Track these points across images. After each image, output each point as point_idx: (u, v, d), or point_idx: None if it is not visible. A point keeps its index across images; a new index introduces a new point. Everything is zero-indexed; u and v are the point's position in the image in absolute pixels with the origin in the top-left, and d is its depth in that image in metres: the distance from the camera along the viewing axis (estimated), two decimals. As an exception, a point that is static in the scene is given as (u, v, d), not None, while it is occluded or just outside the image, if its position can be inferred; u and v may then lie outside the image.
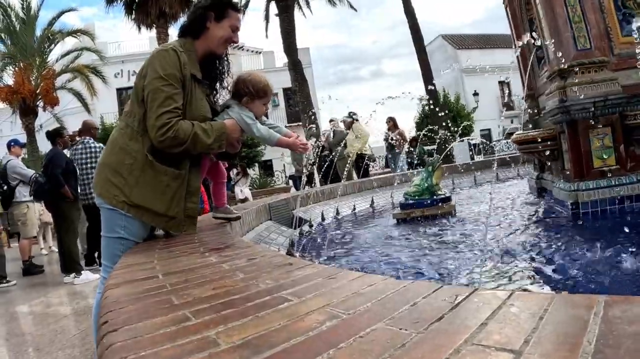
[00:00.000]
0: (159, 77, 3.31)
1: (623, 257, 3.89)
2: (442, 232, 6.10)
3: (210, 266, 2.17)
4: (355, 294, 1.47)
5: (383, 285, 1.54)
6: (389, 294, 1.43)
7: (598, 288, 3.33)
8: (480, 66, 46.27)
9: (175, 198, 3.49)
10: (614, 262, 3.87)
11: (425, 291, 1.41)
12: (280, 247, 5.37)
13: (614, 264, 3.81)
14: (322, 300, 1.45)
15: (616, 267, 3.75)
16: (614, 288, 3.30)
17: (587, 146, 5.80)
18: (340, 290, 1.55)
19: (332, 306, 1.39)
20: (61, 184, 9.13)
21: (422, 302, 1.34)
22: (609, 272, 3.66)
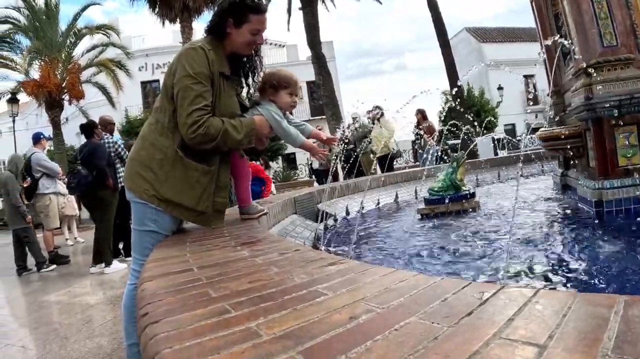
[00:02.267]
0: (188, 75, 3.36)
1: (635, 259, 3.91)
2: (466, 227, 6.10)
3: (243, 259, 2.23)
4: (387, 290, 1.53)
5: (414, 281, 1.60)
6: (420, 290, 1.49)
7: (618, 287, 3.34)
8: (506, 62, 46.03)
9: (205, 193, 3.55)
10: (635, 261, 3.88)
11: (454, 287, 1.46)
12: (305, 241, 5.42)
13: (635, 264, 3.82)
14: (356, 294, 1.51)
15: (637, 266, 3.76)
16: (636, 287, 3.31)
17: (612, 144, 5.76)
18: (373, 285, 1.60)
19: (366, 300, 1.45)
20: (107, 175, 9.28)
21: (452, 298, 1.40)
22: (630, 271, 3.68)
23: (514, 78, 45.43)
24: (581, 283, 3.51)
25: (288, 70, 4.21)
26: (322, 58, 25.15)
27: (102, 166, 9.28)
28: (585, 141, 6.30)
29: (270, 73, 4.08)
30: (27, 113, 40.31)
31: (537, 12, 8.52)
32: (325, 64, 25.32)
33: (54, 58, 26.85)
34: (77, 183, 9.48)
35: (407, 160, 23.69)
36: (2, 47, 27.76)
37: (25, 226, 10.78)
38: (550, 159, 10.79)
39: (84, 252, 12.83)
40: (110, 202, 9.46)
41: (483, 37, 52.41)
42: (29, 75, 26.90)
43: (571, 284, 3.47)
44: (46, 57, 26.80)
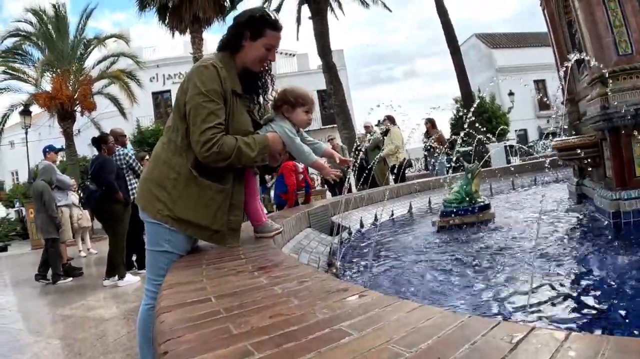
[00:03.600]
0: (200, 93, 3.35)
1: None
2: (482, 241, 6.06)
3: (262, 288, 2.19)
4: (414, 330, 1.48)
5: (440, 319, 1.55)
6: (447, 331, 1.44)
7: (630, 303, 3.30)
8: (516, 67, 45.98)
9: (219, 212, 3.53)
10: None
11: (482, 328, 1.41)
12: (320, 256, 5.38)
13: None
14: (382, 334, 1.46)
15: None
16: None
17: (629, 154, 5.70)
18: (399, 324, 1.55)
19: (393, 342, 1.40)
20: (116, 189, 9.29)
21: (481, 341, 1.35)
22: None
23: (524, 83, 45.35)
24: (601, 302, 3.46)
25: (304, 88, 4.20)
26: (333, 67, 25.18)
27: (111, 180, 9.27)
28: (602, 150, 6.24)
29: (287, 90, 4.07)
30: (39, 124, 40.56)
31: (550, 20, 8.47)
32: (336, 73, 25.35)
33: (66, 70, 27.00)
34: (86, 198, 9.53)
35: (420, 168, 23.59)
36: (15, 59, 27.99)
37: (56, 237, 10.81)
38: (564, 167, 10.70)
39: (97, 264, 12.84)
40: (122, 215, 9.46)
41: (493, 43, 52.36)
42: (40, 87, 27.06)
43: (593, 303, 3.41)
44: (58, 69, 26.95)
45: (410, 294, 4.10)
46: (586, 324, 3.08)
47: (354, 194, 10.02)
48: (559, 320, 3.15)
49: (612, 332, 2.91)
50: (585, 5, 6.12)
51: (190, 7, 25.17)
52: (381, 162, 14.16)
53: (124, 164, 10.07)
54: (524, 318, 3.22)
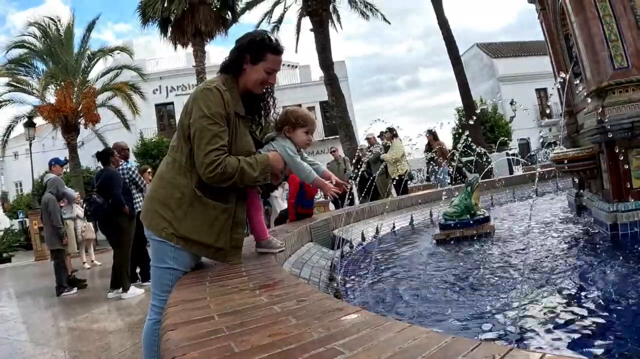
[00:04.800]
0: (204, 116, 3.44)
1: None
2: (479, 254, 6.13)
3: (262, 307, 2.28)
4: (401, 350, 1.57)
5: (426, 340, 1.64)
6: (431, 351, 1.52)
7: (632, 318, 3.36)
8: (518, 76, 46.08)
9: (223, 230, 3.61)
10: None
11: (464, 349, 1.50)
12: (322, 271, 5.44)
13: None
14: (371, 354, 1.55)
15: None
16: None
17: (626, 167, 5.76)
18: (387, 344, 1.64)
19: None
20: (123, 203, 9.38)
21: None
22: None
23: (526, 92, 45.41)
24: (595, 315, 3.52)
25: (305, 109, 4.32)
26: (335, 79, 25.20)
27: (118, 194, 9.37)
28: (599, 163, 6.31)
29: (289, 111, 4.19)
30: (43, 136, 40.74)
31: (547, 33, 8.58)
32: (338, 84, 25.37)
33: (70, 82, 27.12)
34: (93, 211, 9.60)
35: (422, 179, 23.64)
36: (19, 71, 28.13)
37: (60, 248, 10.89)
38: (564, 177, 10.75)
39: (101, 276, 12.90)
40: (127, 228, 9.53)
41: (494, 52, 52.44)
42: (45, 99, 27.18)
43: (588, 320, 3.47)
44: (62, 82, 27.07)
45: (406, 308, 4.16)
46: (582, 339, 3.13)
47: (356, 206, 10.07)
48: (551, 337, 3.20)
49: (608, 348, 2.97)
50: (581, 20, 6.20)
51: (192, 20, 25.40)
52: (383, 174, 14.22)
53: (127, 179, 10.16)
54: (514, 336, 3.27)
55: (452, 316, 3.83)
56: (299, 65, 45.82)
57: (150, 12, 25.73)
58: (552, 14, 8.20)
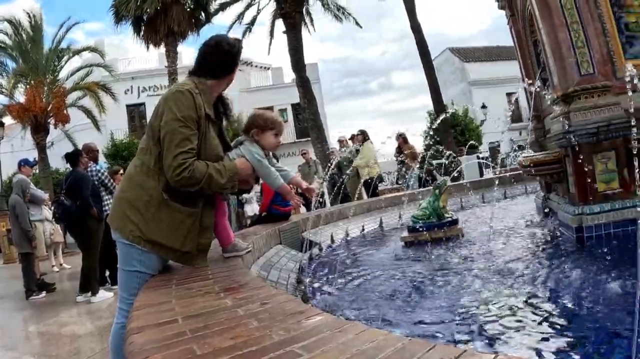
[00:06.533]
0: (176, 118, 3.45)
1: (617, 283, 4.00)
2: (445, 257, 6.19)
3: (226, 310, 2.31)
4: (358, 352, 1.61)
5: (383, 342, 1.68)
6: (387, 353, 1.57)
7: (592, 319, 3.42)
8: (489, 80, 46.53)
9: (190, 234, 3.62)
10: (612, 288, 3.96)
11: (419, 351, 1.55)
12: (290, 274, 5.45)
13: (613, 291, 3.90)
14: (329, 356, 1.60)
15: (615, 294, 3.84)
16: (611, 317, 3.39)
17: (591, 170, 5.85)
18: (346, 346, 1.69)
19: None
20: (91, 205, 9.28)
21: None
22: (608, 300, 3.75)
23: (497, 96, 45.83)
24: (555, 316, 3.58)
25: (273, 112, 4.36)
26: (307, 81, 25.16)
27: (86, 196, 9.27)
28: (565, 166, 6.39)
29: (257, 114, 4.23)
30: (12, 136, 40.15)
31: (517, 38, 8.69)
32: (310, 87, 25.34)
33: (40, 81, 26.76)
34: (61, 213, 9.49)
35: (392, 182, 23.72)
36: (-13, 70, 27.74)
37: (29, 252, 10.76)
38: (532, 180, 10.87)
39: (70, 279, 12.74)
40: (96, 230, 9.44)
41: (466, 56, 52.82)
42: (14, 98, 26.81)
43: (547, 321, 3.52)
44: (31, 81, 26.72)
45: (371, 310, 4.19)
46: (542, 340, 3.18)
47: (325, 209, 10.09)
48: (511, 339, 3.25)
49: (569, 350, 3.02)
50: (549, 27, 6.29)
51: (165, 20, 25.19)
52: (354, 177, 14.25)
53: (96, 181, 10.06)
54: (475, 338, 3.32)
55: (416, 318, 3.87)
56: (272, 67, 45.79)
57: (123, 10, 25.42)
58: (522, 20, 8.31)
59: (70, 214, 9.31)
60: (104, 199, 10.08)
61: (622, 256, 4.74)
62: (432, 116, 37.32)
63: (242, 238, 4.97)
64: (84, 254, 9.55)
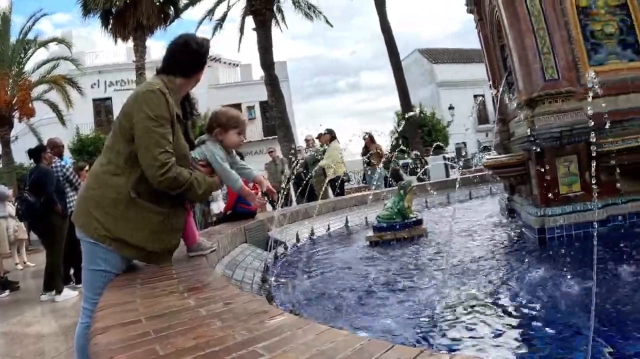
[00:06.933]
0: (149, 118, 3.44)
1: (574, 282, 4.08)
2: (410, 256, 6.24)
3: (189, 310, 2.33)
4: (318, 352, 1.65)
5: (343, 342, 1.73)
6: (346, 353, 1.61)
7: (550, 319, 3.48)
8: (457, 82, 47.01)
9: (157, 234, 3.61)
10: (571, 288, 4.04)
11: (377, 351, 1.59)
12: (255, 273, 5.46)
13: (571, 291, 3.98)
14: (290, 356, 1.63)
15: (574, 293, 3.92)
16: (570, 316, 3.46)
17: (554, 173, 5.96)
18: (306, 346, 1.72)
19: None
20: (55, 201, 9.14)
21: (373, 363, 1.52)
22: (567, 300, 3.83)
23: (465, 98, 46.22)
24: (515, 314, 3.65)
25: (236, 110, 4.35)
26: (275, 79, 25.15)
27: (50, 192, 9.15)
28: (529, 169, 6.49)
29: (220, 112, 4.23)
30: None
31: (484, 42, 8.80)
32: (278, 85, 25.32)
33: (5, 73, 26.34)
34: (25, 210, 9.36)
35: (359, 180, 23.78)
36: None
37: None
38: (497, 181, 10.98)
39: (34, 277, 12.57)
40: (60, 227, 9.32)
41: (435, 58, 53.15)
42: (-23, 91, 26.35)
43: (508, 318, 3.58)
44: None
45: (335, 310, 4.21)
46: (501, 341, 3.23)
47: (291, 208, 10.10)
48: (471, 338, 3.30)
49: (528, 349, 3.07)
50: (516, 32, 6.39)
51: (134, 13, 25.00)
52: (320, 176, 14.27)
53: (61, 177, 9.93)
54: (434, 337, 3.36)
55: (378, 318, 3.91)
56: (241, 64, 45.61)
57: (91, 3, 25.17)
58: (489, 25, 8.41)
59: (34, 211, 9.18)
60: (68, 195, 9.93)
61: (583, 257, 4.83)
62: (399, 116, 37.53)
63: (207, 237, 4.97)
64: (47, 251, 9.44)
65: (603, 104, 5.90)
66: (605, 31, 6.41)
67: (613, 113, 5.98)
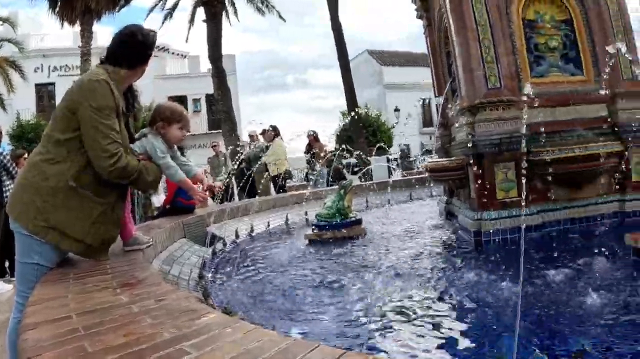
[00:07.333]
0: (95, 109, 3.40)
1: (505, 284, 4.19)
2: (347, 256, 6.29)
3: (121, 306, 2.33)
4: (244, 351, 1.69)
5: (269, 342, 1.76)
6: (271, 353, 1.65)
7: (479, 322, 3.57)
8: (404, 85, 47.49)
9: (95, 226, 3.55)
10: (502, 289, 4.14)
11: (301, 351, 1.63)
12: (192, 269, 5.42)
13: (503, 292, 4.08)
14: (217, 354, 1.67)
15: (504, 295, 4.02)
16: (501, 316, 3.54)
17: (491, 178, 6.12)
18: (233, 344, 1.76)
19: None
20: None
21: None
22: (498, 300, 3.92)
23: (411, 101, 46.64)
24: (448, 314, 3.73)
25: (179, 105, 4.33)
26: (223, 72, 24.92)
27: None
28: (467, 173, 6.61)
29: (163, 106, 4.21)
30: None
31: (431, 48, 8.95)
32: (225, 78, 25.10)
33: (-58, 54, 25.57)
34: None
35: (301, 179, 23.79)
36: None
37: None
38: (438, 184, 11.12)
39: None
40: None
41: (384, 60, 53.48)
42: None
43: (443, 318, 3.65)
44: None
45: (268, 309, 4.21)
46: (433, 341, 3.28)
47: (231, 204, 10.05)
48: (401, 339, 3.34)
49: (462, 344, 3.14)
50: (462, 40, 6.53)
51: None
52: (262, 172, 14.25)
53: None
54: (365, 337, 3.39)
55: (311, 317, 3.92)
56: (189, 55, 45.12)
57: (39, -17, 24.59)
58: (437, 32, 8.56)
59: None
60: (5, 184, 9.65)
61: (516, 260, 4.94)
62: (345, 115, 37.70)
63: (146, 231, 4.93)
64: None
65: (541, 114, 6.11)
66: (549, 45, 6.62)
67: (552, 124, 6.22)
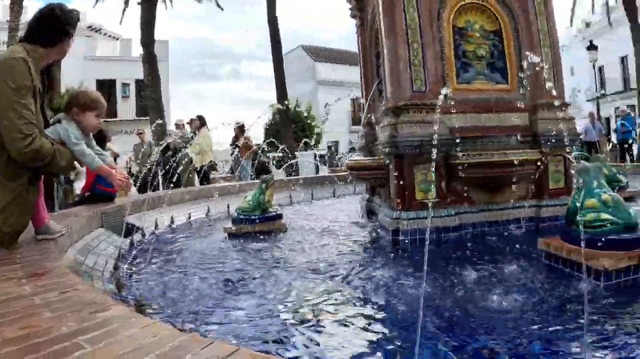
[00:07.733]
0: (12, 89, 3.31)
1: (418, 283, 4.28)
2: (264, 251, 6.27)
3: (23, 298, 2.29)
4: (139, 346, 1.70)
5: (165, 338, 1.77)
6: (165, 348, 1.67)
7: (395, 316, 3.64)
8: (336, 82, 47.76)
9: (7, 212, 3.45)
10: (414, 288, 4.23)
11: (195, 347, 1.66)
12: (108, 259, 5.31)
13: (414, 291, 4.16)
14: (112, 349, 1.68)
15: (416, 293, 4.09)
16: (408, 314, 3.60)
17: (411, 179, 6.27)
18: (130, 339, 1.77)
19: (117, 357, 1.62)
20: None
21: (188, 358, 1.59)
22: (410, 298, 3.99)
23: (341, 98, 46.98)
24: (361, 309, 3.77)
25: (96, 92, 4.26)
26: (154, 58, 24.36)
27: None
28: (388, 173, 6.70)
29: (80, 93, 4.14)
30: None
31: (362, 48, 9.06)
32: (156, 64, 24.56)
33: None
34: None
35: (225, 171, 23.67)
36: None
37: None
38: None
39: None
40: None
41: (317, 55, 53.72)
42: None
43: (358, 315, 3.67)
44: None
45: (180, 303, 4.15)
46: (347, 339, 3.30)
47: (152, 194, 9.90)
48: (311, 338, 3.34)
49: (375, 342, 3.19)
50: (391, 42, 6.62)
51: (15, -34, 23.49)
52: (187, 163, 14.11)
53: None
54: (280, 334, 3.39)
55: (226, 314, 3.89)
56: (121, 37, 44.10)
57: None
58: (369, 31, 8.64)
59: None
60: None
61: (432, 260, 5.04)
62: (275, 109, 37.67)
63: (62, 218, 4.84)
64: None
65: (465, 120, 6.27)
66: (477, 53, 6.78)
67: (475, 129, 6.39)
